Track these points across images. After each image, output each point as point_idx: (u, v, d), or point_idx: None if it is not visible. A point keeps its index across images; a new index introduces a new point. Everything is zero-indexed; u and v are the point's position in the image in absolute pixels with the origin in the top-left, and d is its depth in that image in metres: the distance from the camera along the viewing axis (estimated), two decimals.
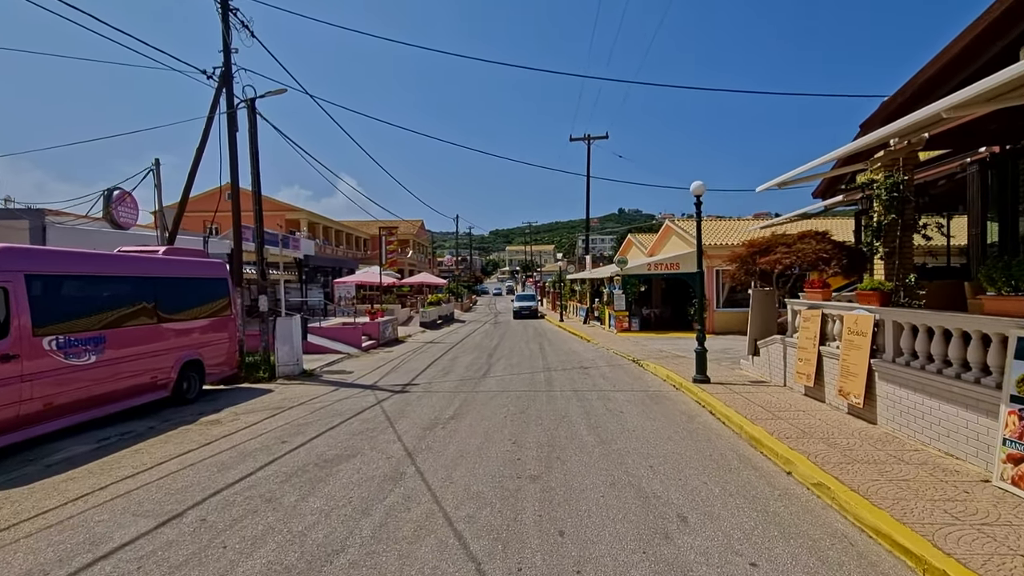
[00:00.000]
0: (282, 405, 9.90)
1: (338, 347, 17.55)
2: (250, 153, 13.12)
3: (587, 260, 32.04)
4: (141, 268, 9.61)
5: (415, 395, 10.61)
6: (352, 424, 8.35)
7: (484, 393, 10.68)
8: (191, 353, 10.43)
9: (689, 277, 22.95)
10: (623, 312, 23.25)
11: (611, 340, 20.45)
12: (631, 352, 16.43)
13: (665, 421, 8.16)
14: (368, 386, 11.76)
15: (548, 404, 9.49)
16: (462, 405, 9.57)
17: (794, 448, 6.16)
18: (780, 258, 9.50)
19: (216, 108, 13.27)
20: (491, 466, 6.21)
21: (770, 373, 10.40)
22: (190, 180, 13.45)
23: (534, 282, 68.39)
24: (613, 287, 23.91)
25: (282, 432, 7.98)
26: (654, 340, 20.05)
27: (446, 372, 13.66)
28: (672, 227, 25.49)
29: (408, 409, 9.34)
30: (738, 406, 8.35)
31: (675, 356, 15.16)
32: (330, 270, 34.71)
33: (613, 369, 13.64)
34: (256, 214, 13.35)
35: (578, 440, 7.21)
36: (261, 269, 13.46)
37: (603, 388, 11.00)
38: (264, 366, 12.97)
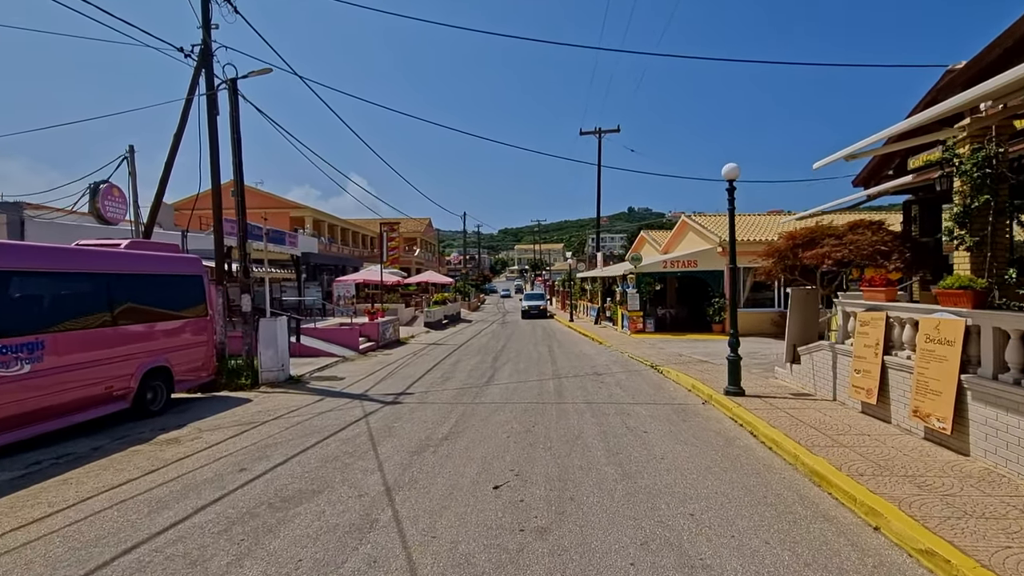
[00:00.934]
0: (255, 419, 8.65)
1: (333, 350, 16.33)
2: (231, 139, 11.91)
3: (598, 257, 30.61)
4: (95, 263, 8.40)
5: (408, 407, 9.32)
6: (328, 446, 7.07)
7: (485, 405, 9.36)
8: (156, 359, 9.22)
9: (708, 275, 21.51)
10: (637, 312, 21.83)
11: (625, 342, 19.06)
12: (648, 356, 15.04)
13: (699, 445, 6.79)
14: (357, 395, 10.49)
15: (558, 420, 8.16)
16: (459, 421, 8.26)
17: (875, 491, 4.77)
18: (829, 252, 8.09)
19: (195, 89, 12.07)
20: (487, 511, 4.89)
21: (815, 384, 8.98)
22: (167, 169, 12.27)
23: (543, 281, 67.00)
24: (626, 286, 22.51)
25: (245, 456, 6.72)
26: (671, 342, 18.62)
27: (446, 378, 12.36)
28: (689, 222, 24.02)
29: (397, 426, 8.04)
30: (785, 427, 6.96)
31: (697, 361, 13.74)
32: (333, 268, 33.59)
33: (630, 376, 12.27)
34: (238, 205, 12.14)
35: (596, 472, 5.86)
36: (243, 266, 12.25)
37: (620, 400, 9.64)
38: (246, 372, 11.75)
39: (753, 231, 22.33)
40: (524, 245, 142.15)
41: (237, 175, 11.98)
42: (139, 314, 9.01)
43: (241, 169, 12.00)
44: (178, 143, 12.21)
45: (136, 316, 8.93)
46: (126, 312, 8.75)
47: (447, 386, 11.37)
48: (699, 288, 24.87)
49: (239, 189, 12.05)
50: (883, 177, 11.43)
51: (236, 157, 11.93)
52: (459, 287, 47.70)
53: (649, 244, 30.54)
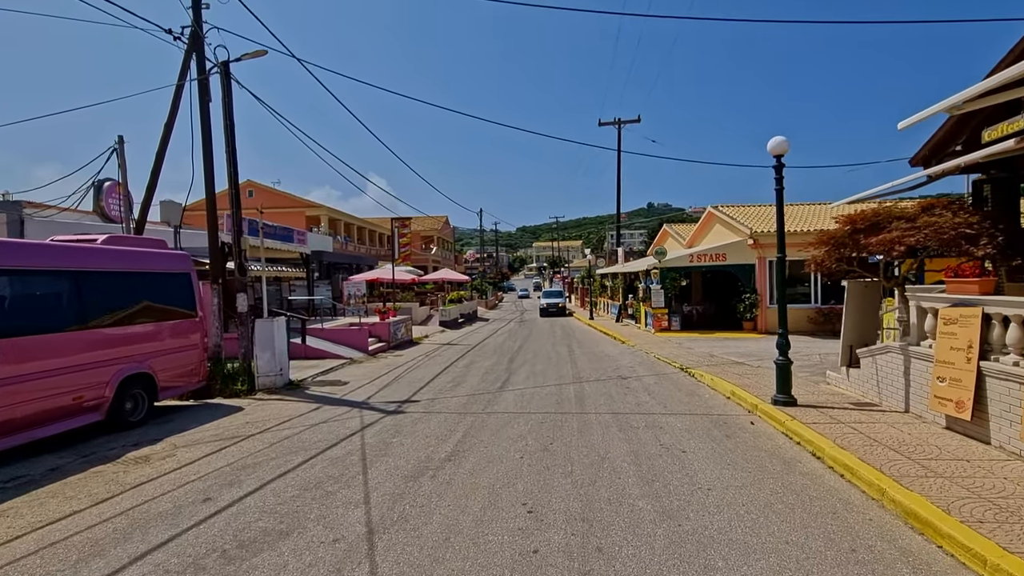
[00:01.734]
0: (240, 433, 7.70)
1: (340, 351, 15.42)
2: (224, 125, 11.02)
3: (619, 253, 29.31)
4: (64, 260, 7.53)
5: (410, 418, 8.28)
6: (313, 468, 6.06)
7: (497, 416, 8.28)
8: (136, 365, 8.34)
9: (738, 269, 20.09)
10: (662, 309, 20.52)
11: (649, 341, 17.80)
12: (676, 357, 13.78)
13: (751, 470, 5.59)
14: (358, 403, 9.50)
15: (580, 436, 7.02)
16: (466, 436, 7.19)
17: (1009, 549, 3.55)
18: (900, 237, 6.78)
19: (186, 74, 11.21)
20: (491, 567, 3.80)
21: (879, 393, 7.68)
22: (159, 159, 11.44)
23: (562, 278, 65.73)
24: (650, 281, 21.21)
25: (215, 480, 5.74)
26: (698, 341, 17.30)
27: (456, 383, 11.31)
28: (716, 213, 22.59)
29: (395, 442, 7.00)
30: (856, 447, 5.73)
31: (731, 363, 12.45)
32: (347, 267, 32.91)
33: (659, 381, 11.05)
34: (232, 198, 11.24)
35: (628, 508, 4.72)
36: (239, 263, 11.36)
37: (650, 409, 8.46)
38: (243, 377, 10.86)
39: (793, 221, 20.80)
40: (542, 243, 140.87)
41: (230, 164, 11.09)
42: (116, 316, 8.13)
43: (235, 157, 11.10)
44: (169, 132, 11.38)
45: (112, 318, 8.05)
46: (100, 313, 7.87)
47: (457, 392, 10.32)
48: (727, 283, 23.42)
49: (233, 180, 11.15)
50: (949, 154, 10.02)
51: (229, 145, 11.04)
52: (476, 285, 46.75)
53: (672, 238, 29.11)
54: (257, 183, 42.64)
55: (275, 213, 41.74)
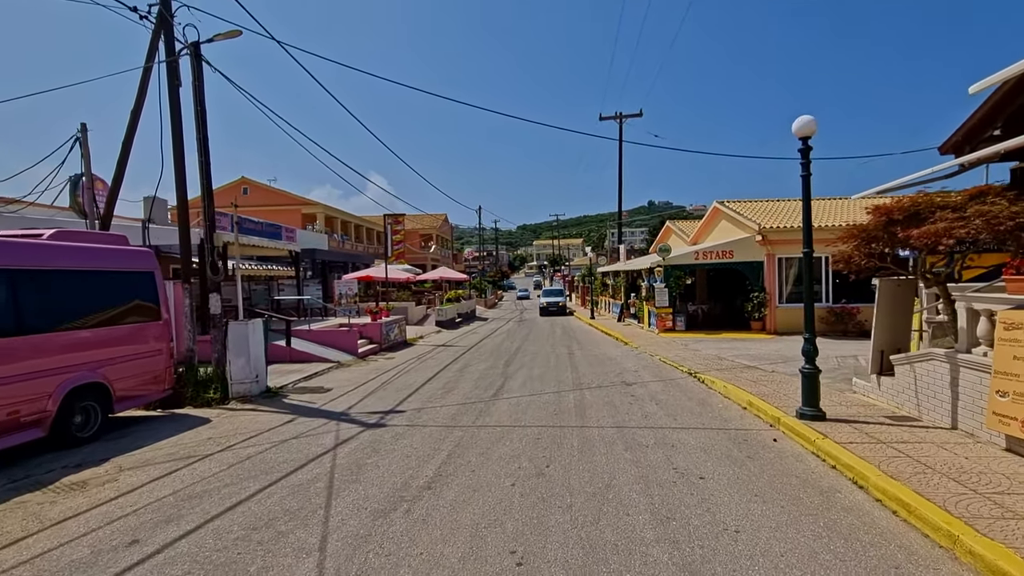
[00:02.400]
0: (198, 451, 6.81)
1: (328, 354, 14.54)
2: (195, 111, 10.13)
3: (621, 250, 28.40)
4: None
5: (392, 432, 7.40)
6: (270, 499, 5.17)
7: (488, 430, 7.39)
8: (87, 374, 7.46)
9: (746, 267, 19.18)
10: (666, 309, 19.62)
11: (653, 343, 16.91)
12: (683, 360, 12.89)
13: (784, 503, 4.70)
14: (337, 414, 8.61)
15: (581, 456, 6.13)
16: (452, 455, 6.30)
17: None
18: (950, 228, 5.88)
19: (154, 56, 10.32)
20: None
21: (919, 406, 6.78)
22: (126, 149, 10.56)
23: (562, 276, 64.83)
24: (653, 280, 20.31)
25: (152, 514, 4.86)
26: (705, 343, 16.41)
27: (448, 390, 10.43)
28: (722, 209, 21.67)
29: (370, 463, 6.12)
30: (906, 475, 4.84)
31: (742, 367, 11.56)
32: (343, 265, 32.04)
33: (666, 387, 10.16)
34: (203, 190, 10.34)
35: (640, 559, 3.83)
36: (211, 260, 10.47)
37: (659, 422, 7.57)
38: (216, 384, 9.99)
39: (795, 217, 19.83)
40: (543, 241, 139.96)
41: (202, 154, 10.20)
42: (63, 320, 7.25)
43: (206, 146, 10.21)
44: (137, 119, 10.50)
45: (57, 321, 7.17)
46: (42, 317, 6.99)
47: (447, 400, 9.43)
48: (733, 282, 22.52)
49: (204, 171, 10.26)
50: (985, 140, 9.11)
51: (200, 132, 10.14)
52: (475, 284, 45.87)
53: (676, 235, 28.19)
54: (252, 180, 41.80)
55: (271, 211, 40.93)
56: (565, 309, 33.24)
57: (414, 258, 51.26)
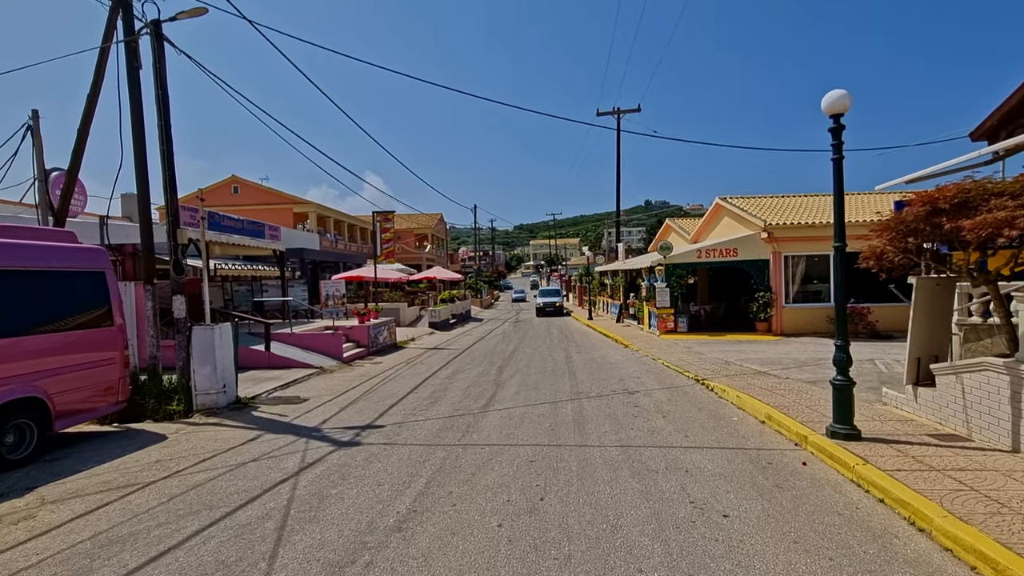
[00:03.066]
0: (140, 478, 5.89)
1: (311, 359, 13.61)
2: (156, 96, 9.20)
3: (619, 249, 27.51)
4: None
5: (365, 454, 6.49)
6: (206, 544, 4.26)
7: (475, 450, 6.48)
8: (19, 388, 6.52)
9: (750, 265, 18.32)
10: (667, 310, 18.74)
11: (655, 345, 16.03)
12: (687, 365, 12.01)
13: (833, 555, 3.80)
14: (308, 430, 7.70)
15: (581, 486, 5.24)
16: (431, 484, 5.40)
17: None
18: (1012, 217, 5.02)
19: (112, 36, 9.39)
20: None
21: (967, 423, 5.90)
22: (82, 137, 9.61)
23: (559, 276, 63.96)
24: (654, 279, 19.43)
25: (54, 570, 3.95)
26: (709, 345, 15.54)
27: (434, 399, 9.52)
28: (725, 206, 20.81)
29: (334, 495, 5.21)
30: (978, 517, 3.96)
31: (752, 372, 10.69)
32: (332, 265, 31.10)
33: (672, 396, 9.27)
34: (165, 182, 9.40)
35: None
36: (174, 259, 9.53)
37: (669, 440, 6.68)
38: (179, 395, 9.07)
39: (814, 213, 19.08)
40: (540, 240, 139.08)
41: (164, 142, 9.26)
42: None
43: (169, 133, 9.28)
44: (93, 105, 9.55)
45: None
46: None
47: (432, 412, 8.52)
48: (737, 281, 21.69)
49: (167, 162, 9.31)
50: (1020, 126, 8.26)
51: (162, 118, 9.21)
52: (471, 284, 44.97)
53: (676, 233, 27.33)
54: (243, 179, 40.81)
55: (262, 210, 39.92)
56: (562, 310, 32.38)
57: (409, 258, 50.32)
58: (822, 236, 17.63)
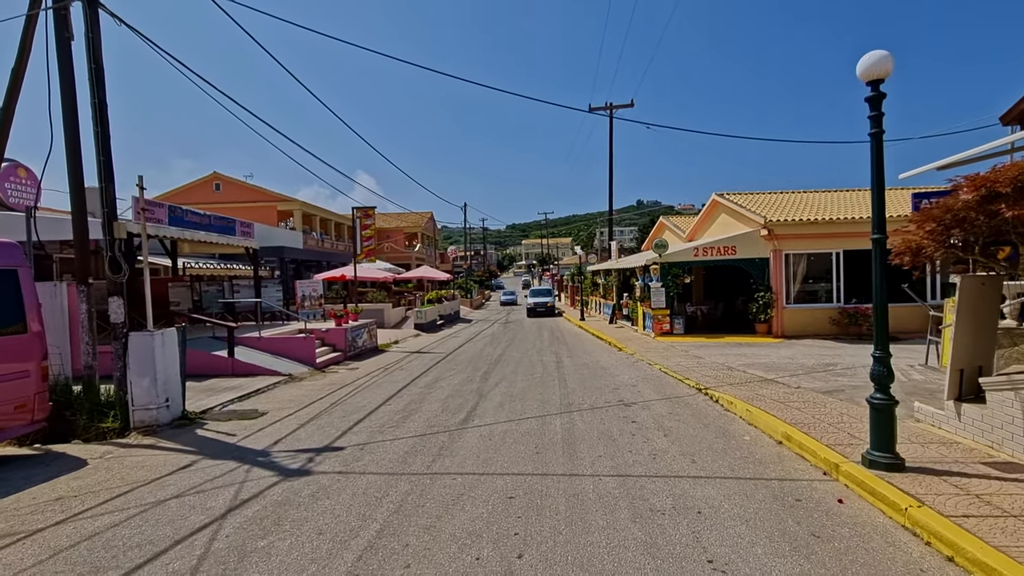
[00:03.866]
0: (24, 526, 4.74)
1: (279, 365, 12.47)
2: (89, 71, 8.04)
3: (612, 247, 26.52)
4: None
5: (314, 486, 5.39)
6: None
7: (446, 481, 5.41)
8: None
9: (749, 264, 17.39)
10: (663, 311, 17.76)
11: (650, 348, 15.04)
12: (687, 370, 11.02)
13: None
14: (254, 454, 6.59)
15: (571, 534, 4.18)
16: (382, 534, 4.32)
17: None
18: None
19: (41, 2, 8.22)
20: None
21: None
22: (7, 115, 8.43)
23: (551, 275, 62.99)
24: (649, 278, 18.45)
25: None
26: (708, 348, 14.57)
27: (407, 414, 8.44)
28: (722, 202, 19.86)
29: (259, 550, 4.11)
30: None
31: (759, 380, 9.70)
32: (316, 264, 29.92)
33: (673, 409, 8.25)
34: (99, 167, 8.23)
35: None
36: (111, 256, 8.37)
37: (674, 467, 5.64)
38: (115, 410, 7.93)
39: (824, 209, 18.20)
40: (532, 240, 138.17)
41: (98, 123, 8.10)
42: None
43: (104, 112, 8.13)
44: (19, 80, 8.38)
45: None
46: None
47: (403, 430, 7.44)
48: (734, 281, 20.78)
49: (101, 145, 8.15)
50: None
51: (96, 95, 8.05)
52: (460, 283, 43.86)
53: (670, 231, 26.39)
54: (225, 176, 39.44)
55: (245, 208, 38.57)
56: (554, 310, 31.39)
57: (398, 257, 49.13)
58: (825, 233, 16.75)
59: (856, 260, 17.04)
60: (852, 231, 16.67)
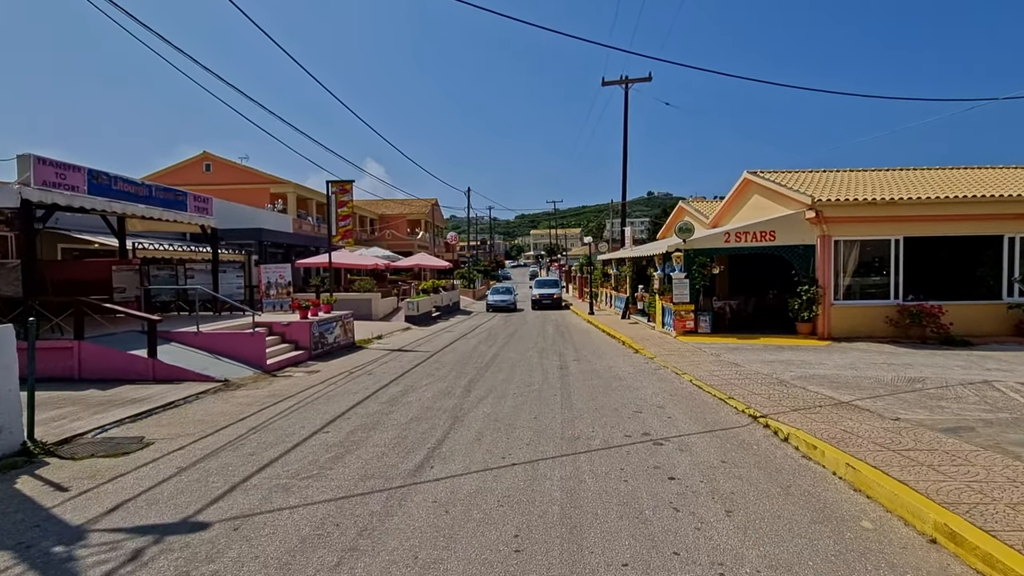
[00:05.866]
0: None
1: (216, 369, 9.96)
2: None
3: (626, 233, 23.73)
4: None
5: None
6: None
7: None
8: None
9: (790, 252, 14.61)
10: (687, 306, 15.02)
11: (673, 350, 12.35)
12: (727, 385, 8.33)
13: None
14: (58, 535, 4.03)
15: None
16: None
17: None
18: None
19: None
20: None
21: None
22: None
23: (559, 266, 60.21)
24: (670, 268, 15.70)
25: None
26: (743, 352, 11.85)
27: (340, 453, 5.85)
28: (756, 180, 16.98)
29: None
30: None
31: (830, 403, 6.98)
32: (303, 250, 27.44)
33: (725, 452, 5.57)
34: None
35: None
36: None
37: None
38: None
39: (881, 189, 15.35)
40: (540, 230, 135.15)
41: None
42: None
43: None
44: None
45: None
46: None
47: (320, 486, 4.85)
48: (768, 272, 17.96)
49: None
50: None
51: None
52: (463, 273, 41.26)
53: (692, 216, 23.49)
54: (215, 155, 37.07)
55: (236, 189, 36.10)
56: (560, 302, 28.71)
57: (400, 245, 46.59)
58: (884, 217, 13.89)
59: (920, 248, 14.17)
60: (917, 214, 13.80)
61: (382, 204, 54.08)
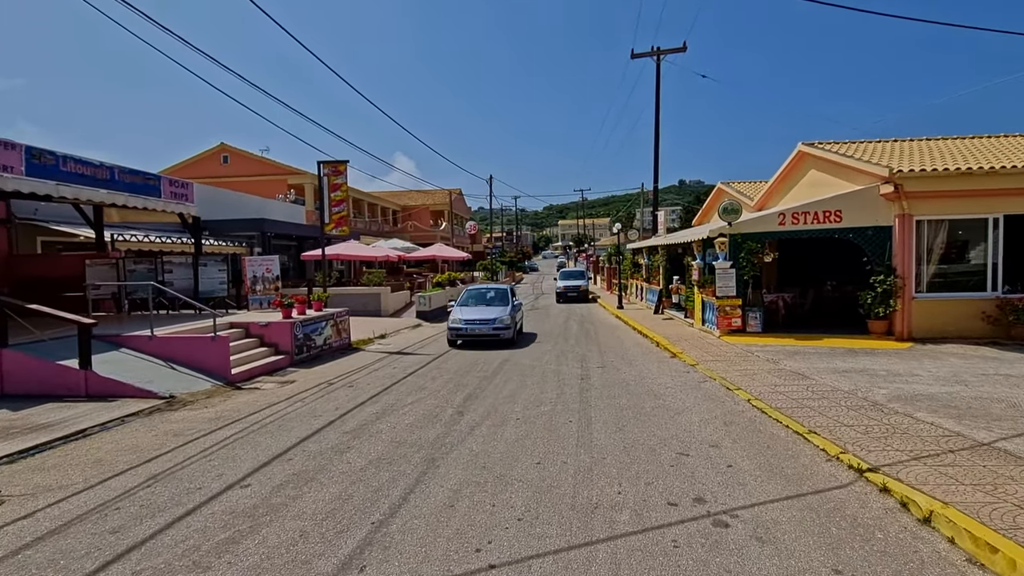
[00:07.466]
0: None
1: (163, 382, 8.24)
2: None
3: (659, 217, 21.24)
4: None
5: None
6: None
7: None
8: None
9: (860, 235, 12.07)
10: (733, 300, 12.63)
11: (719, 355, 10.06)
12: (796, 407, 6.05)
13: None
14: None
15: None
16: None
17: None
18: None
19: None
20: None
21: None
22: None
23: (586, 257, 57.66)
24: (712, 256, 13.32)
25: None
26: (807, 358, 9.47)
27: (252, 526, 3.92)
28: (814, 152, 14.31)
29: None
30: None
31: (972, 446, 4.62)
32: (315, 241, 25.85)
33: (835, 551, 3.37)
34: None
35: None
36: None
37: None
38: None
39: (972, 158, 12.66)
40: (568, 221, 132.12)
41: None
42: None
43: None
44: None
45: None
46: None
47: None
48: (825, 260, 15.37)
49: None
50: None
51: None
52: (485, 264, 39.34)
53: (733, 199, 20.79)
54: (233, 147, 36.10)
55: (255, 181, 34.98)
56: (587, 295, 26.41)
57: (423, 236, 45.01)
58: (979, 191, 11.22)
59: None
60: (1022, 187, 11.05)
61: (404, 195, 52.57)
